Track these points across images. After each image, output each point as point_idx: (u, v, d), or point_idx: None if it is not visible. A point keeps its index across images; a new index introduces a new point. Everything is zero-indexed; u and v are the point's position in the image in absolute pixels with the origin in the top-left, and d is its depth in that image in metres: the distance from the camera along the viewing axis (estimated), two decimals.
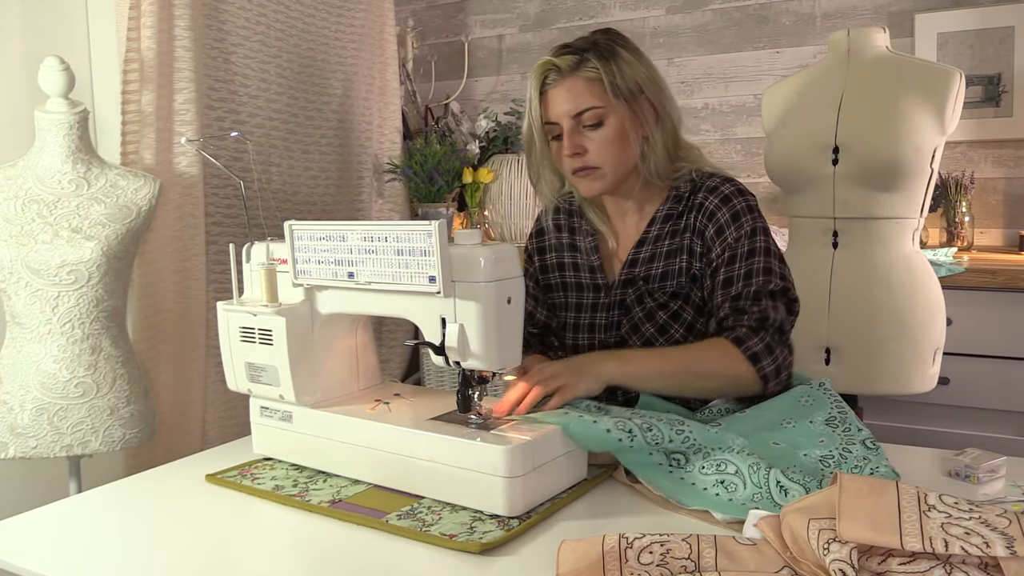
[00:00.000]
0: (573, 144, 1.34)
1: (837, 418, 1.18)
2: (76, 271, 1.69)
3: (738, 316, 1.29)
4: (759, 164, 3.00)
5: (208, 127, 2.29)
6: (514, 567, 0.94)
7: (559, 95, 1.33)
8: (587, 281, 1.45)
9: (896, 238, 1.99)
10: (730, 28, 3.11)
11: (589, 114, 1.32)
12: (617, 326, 1.40)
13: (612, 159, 1.34)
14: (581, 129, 1.33)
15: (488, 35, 3.57)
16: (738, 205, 1.34)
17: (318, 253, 1.17)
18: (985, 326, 2.28)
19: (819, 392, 1.24)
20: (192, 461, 1.33)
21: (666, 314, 1.36)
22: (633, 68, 1.33)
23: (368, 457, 1.15)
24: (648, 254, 1.39)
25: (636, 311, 1.38)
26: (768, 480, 1.03)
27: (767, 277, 1.31)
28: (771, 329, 1.27)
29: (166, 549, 1.01)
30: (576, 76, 1.32)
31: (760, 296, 1.30)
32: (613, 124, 1.33)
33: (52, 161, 1.75)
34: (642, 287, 1.38)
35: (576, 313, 1.45)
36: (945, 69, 1.99)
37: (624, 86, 1.31)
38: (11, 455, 1.71)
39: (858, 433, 1.16)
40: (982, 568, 0.76)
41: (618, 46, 1.34)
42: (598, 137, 1.33)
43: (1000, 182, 2.74)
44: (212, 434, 2.30)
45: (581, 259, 1.46)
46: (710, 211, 1.35)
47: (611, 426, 1.10)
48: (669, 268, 1.37)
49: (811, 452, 1.13)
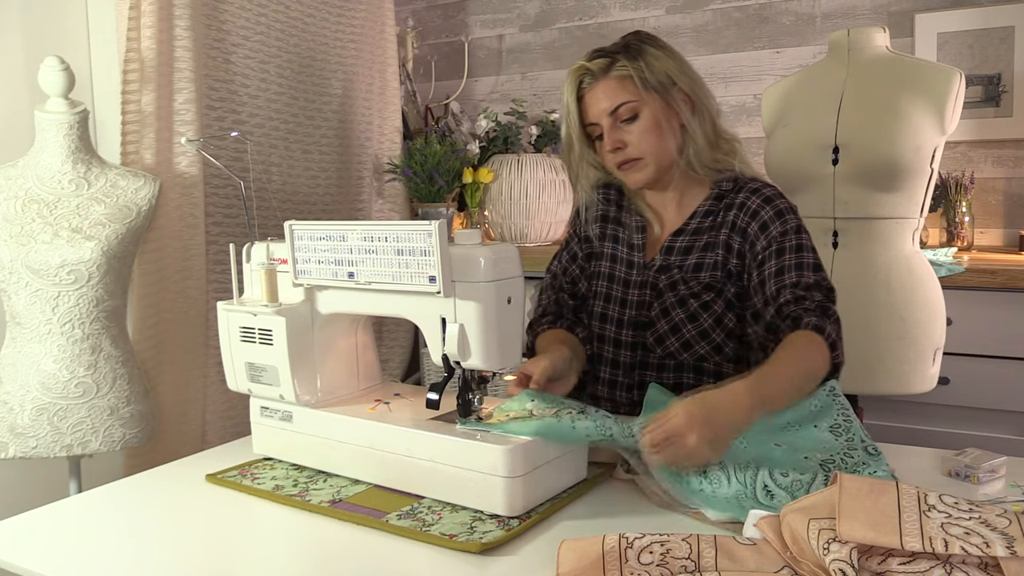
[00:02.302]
0: (613, 140, 1.40)
1: (842, 426, 1.18)
2: (76, 271, 1.69)
3: (801, 302, 1.29)
4: (759, 164, 2.99)
5: (208, 127, 2.29)
6: (514, 567, 0.94)
7: (595, 97, 1.40)
8: (625, 256, 1.48)
9: (896, 238, 1.99)
10: (730, 28, 3.11)
11: (624, 108, 1.38)
12: (648, 306, 1.42)
13: (652, 149, 1.39)
14: (619, 125, 1.40)
15: (488, 35, 3.57)
16: (781, 205, 1.39)
17: (318, 253, 1.17)
18: (985, 326, 2.28)
19: (828, 398, 1.23)
20: (192, 461, 1.33)
21: (697, 303, 1.38)
22: (662, 62, 1.39)
23: (368, 457, 1.15)
24: (685, 244, 1.43)
25: (668, 296, 1.40)
26: (756, 481, 1.03)
27: (820, 274, 1.33)
28: (834, 319, 1.28)
29: (166, 549, 1.01)
30: (608, 77, 1.39)
31: (817, 287, 1.31)
32: (648, 116, 1.38)
33: (52, 161, 1.75)
34: (676, 275, 1.41)
35: (609, 283, 1.48)
36: (945, 69, 1.99)
37: (654, 79, 1.38)
38: (11, 455, 1.71)
39: (860, 443, 1.15)
40: (982, 568, 0.76)
41: (646, 44, 1.41)
42: (636, 129, 1.39)
43: (1000, 182, 2.74)
44: (212, 434, 2.30)
45: (623, 234, 1.50)
46: (753, 210, 1.39)
47: (591, 430, 1.09)
48: (704, 260, 1.40)
49: (812, 455, 1.13)
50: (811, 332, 1.24)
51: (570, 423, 1.09)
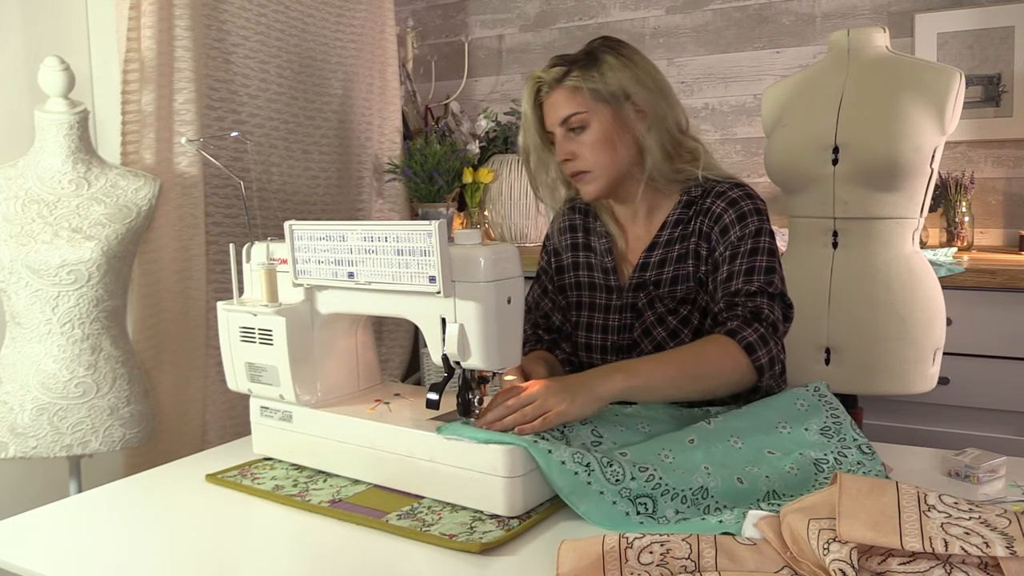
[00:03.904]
0: (564, 151, 1.40)
1: (832, 428, 1.17)
2: (76, 271, 1.69)
3: (732, 310, 1.30)
4: (759, 164, 3.00)
5: (208, 127, 2.29)
6: (514, 567, 0.94)
7: (550, 105, 1.40)
8: (600, 282, 1.47)
9: (896, 238, 1.99)
10: (730, 28, 3.11)
11: (574, 119, 1.38)
12: (630, 328, 1.41)
13: (600, 161, 1.38)
14: (570, 135, 1.39)
15: (488, 35, 3.57)
16: (745, 207, 1.36)
17: (318, 253, 1.17)
18: (985, 326, 2.28)
19: (814, 398, 1.22)
20: (192, 461, 1.33)
21: (676, 319, 1.37)
22: (617, 73, 1.37)
23: (368, 457, 1.15)
24: (659, 258, 1.41)
25: (648, 315, 1.39)
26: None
27: (769, 277, 1.32)
28: (765, 323, 1.28)
29: (166, 549, 1.01)
30: (561, 87, 1.39)
31: (758, 294, 1.30)
32: (597, 128, 1.37)
33: (52, 161, 1.75)
34: (653, 292, 1.40)
35: (590, 312, 1.47)
36: (945, 69, 1.99)
37: (606, 91, 1.36)
38: (11, 455, 1.71)
39: (853, 442, 1.15)
40: (982, 568, 0.76)
41: (607, 54, 1.38)
42: (585, 140, 1.38)
43: (1000, 182, 2.74)
44: (212, 434, 2.30)
45: (595, 259, 1.49)
46: (717, 214, 1.37)
47: (567, 458, 1.03)
48: (679, 273, 1.39)
49: (806, 452, 1.13)
50: (722, 336, 1.26)
51: (558, 460, 1.03)
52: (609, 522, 1.00)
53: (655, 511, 1.02)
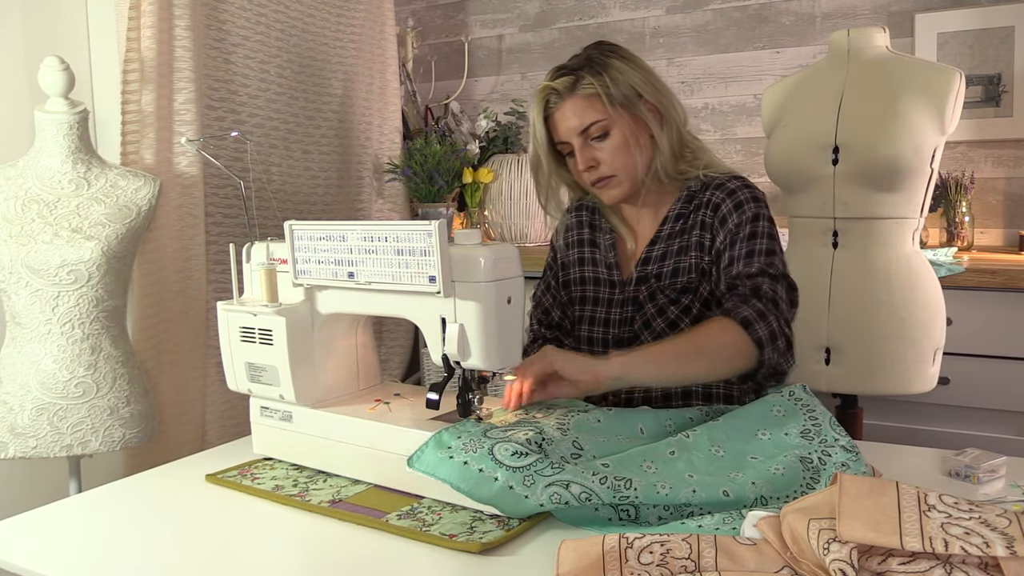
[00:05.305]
0: (586, 159, 1.40)
1: (812, 430, 1.15)
2: (76, 271, 1.69)
3: (732, 291, 1.31)
4: (759, 164, 3.00)
5: (208, 127, 2.29)
6: (514, 567, 0.94)
7: (563, 115, 1.39)
8: (604, 276, 1.48)
9: (896, 238, 1.99)
10: (730, 28, 3.11)
11: (594, 127, 1.38)
12: (631, 322, 1.42)
13: (625, 165, 1.39)
14: (590, 143, 1.39)
15: (488, 35, 3.57)
16: (741, 196, 1.38)
17: (318, 253, 1.17)
18: (985, 326, 2.28)
19: (790, 402, 1.20)
20: (192, 461, 1.33)
21: (677, 309, 1.38)
22: (626, 75, 1.38)
23: (368, 457, 1.15)
24: (660, 252, 1.43)
25: (648, 307, 1.40)
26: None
27: (769, 259, 1.33)
28: (764, 299, 1.28)
29: (166, 549, 1.01)
30: (575, 95, 1.38)
31: (758, 275, 1.31)
32: (618, 133, 1.38)
33: (52, 161, 1.75)
34: (654, 284, 1.41)
35: (592, 307, 1.48)
36: (945, 69, 1.99)
37: (620, 94, 1.37)
38: (11, 455, 1.71)
39: (835, 441, 1.14)
40: (982, 568, 0.76)
41: (609, 57, 1.39)
42: (608, 147, 1.39)
43: (1000, 182, 2.74)
44: (212, 434, 2.30)
45: (599, 255, 1.50)
46: (715, 204, 1.39)
47: (545, 500, 0.99)
48: (680, 265, 1.40)
49: (790, 452, 1.11)
50: (719, 316, 1.28)
51: (536, 503, 1.00)
52: (594, 525, 1.01)
53: (638, 518, 1.01)
